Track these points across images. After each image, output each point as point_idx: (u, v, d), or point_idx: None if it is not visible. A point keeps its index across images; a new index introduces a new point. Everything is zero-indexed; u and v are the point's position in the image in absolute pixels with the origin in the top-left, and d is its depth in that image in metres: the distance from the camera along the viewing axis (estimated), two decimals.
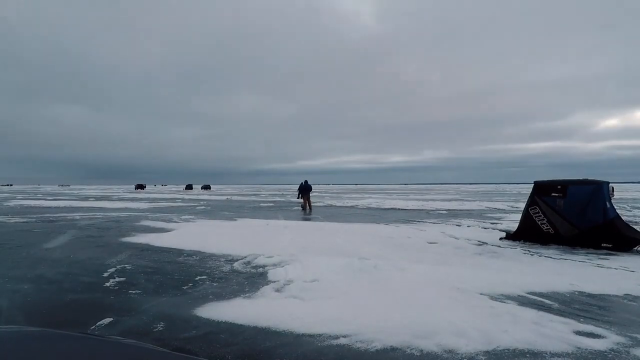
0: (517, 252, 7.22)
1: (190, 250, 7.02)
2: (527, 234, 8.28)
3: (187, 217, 14.30)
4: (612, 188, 13.34)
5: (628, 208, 17.87)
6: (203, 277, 5.12)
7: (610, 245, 7.29)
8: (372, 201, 26.44)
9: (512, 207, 19.91)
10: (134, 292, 4.42)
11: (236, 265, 5.83)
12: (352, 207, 21.45)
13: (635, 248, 7.28)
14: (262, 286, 4.61)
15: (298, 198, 19.49)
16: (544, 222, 7.99)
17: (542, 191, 8.15)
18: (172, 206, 21.40)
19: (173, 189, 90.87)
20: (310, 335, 3.16)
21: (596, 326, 3.39)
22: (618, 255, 6.91)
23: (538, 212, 8.09)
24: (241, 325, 3.39)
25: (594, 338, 3.13)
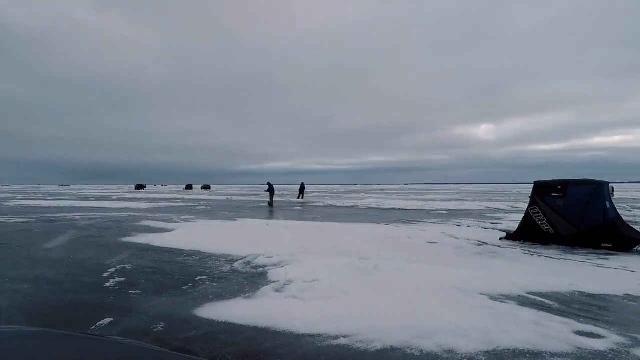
0: (517, 252, 7.22)
1: (190, 250, 7.02)
2: (527, 234, 8.28)
3: (187, 217, 14.29)
4: (612, 188, 13.32)
5: (628, 208, 17.87)
6: (203, 277, 5.12)
7: (610, 245, 7.29)
8: (372, 201, 26.44)
9: (512, 207, 19.90)
10: (134, 292, 4.42)
11: (236, 265, 5.84)
12: (352, 207, 21.44)
13: (635, 248, 7.28)
14: (262, 286, 4.61)
15: (299, 198, 21.05)
16: (544, 222, 7.99)
17: (542, 191, 8.15)
18: (172, 206, 21.40)
19: (173, 189, 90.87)
20: (310, 335, 3.16)
21: (596, 326, 3.39)
22: (618, 255, 6.91)
23: (538, 212, 8.09)
24: (241, 325, 3.39)
25: (594, 338, 3.13)
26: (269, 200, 22.26)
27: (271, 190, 22.22)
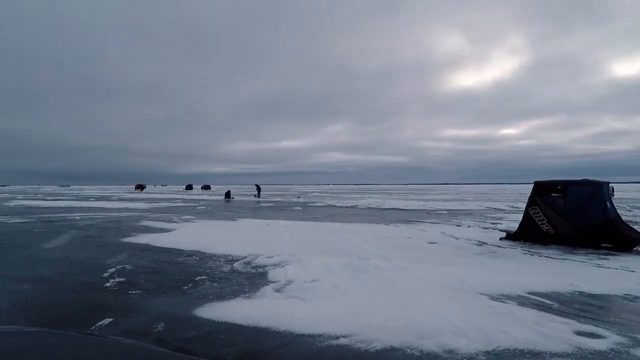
0: (517, 252, 7.22)
1: (191, 250, 7.02)
2: (527, 234, 8.28)
3: (187, 217, 14.30)
4: (612, 188, 13.30)
5: (628, 208, 17.87)
6: (203, 277, 5.12)
7: (610, 245, 7.29)
8: (372, 201, 26.46)
9: (512, 207, 19.91)
10: (134, 292, 4.42)
11: (236, 265, 5.83)
12: (352, 207, 21.45)
13: (635, 248, 7.27)
14: (262, 286, 4.61)
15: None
16: (544, 222, 7.98)
17: (543, 191, 8.15)
18: (172, 206, 21.40)
19: (173, 189, 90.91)
20: (310, 335, 3.16)
21: (596, 326, 3.39)
22: (618, 255, 6.91)
23: (538, 212, 8.09)
24: (241, 325, 3.39)
25: (594, 338, 3.13)
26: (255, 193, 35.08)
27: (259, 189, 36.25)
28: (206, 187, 72.90)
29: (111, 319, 3.51)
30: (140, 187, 68.07)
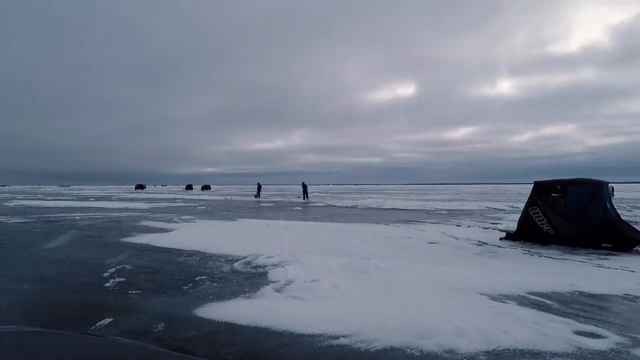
0: (517, 252, 7.22)
1: (191, 251, 7.02)
2: (527, 234, 8.28)
3: (187, 217, 14.29)
4: (612, 188, 13.25)
5: (628, 208, 17.86)
6: (203, 277, 5.12)
7: (610, 245, 7.29)
8: (372, 201, 26.45)
9: (512, 207, 19.90)
10: (134, 292, 4.42)
11: (236, 265, 5.83)
12: (352, 207, 21.44)
13: (635, 248, 7.27)
14: (262, 286, 4.61)
15: (303, 198, 29.71)
16: (544, 222, 7.98)
17: (542, 191, 8.14)
18: (172, 206, 21.39)
19: (173, 189, 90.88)
20: (310, 335, 3.16)
21: (596, 326, 3.39)
22: (618, 255, 6.91)
23: (538, 212, 8.09)
24: (241, 325, 3.39)
25: (594, 338, 3.13)
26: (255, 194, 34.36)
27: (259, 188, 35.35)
28: (206, 187, 72.85)
29: (111, 319, 3.50)
30: (141, 187, 68.07)
